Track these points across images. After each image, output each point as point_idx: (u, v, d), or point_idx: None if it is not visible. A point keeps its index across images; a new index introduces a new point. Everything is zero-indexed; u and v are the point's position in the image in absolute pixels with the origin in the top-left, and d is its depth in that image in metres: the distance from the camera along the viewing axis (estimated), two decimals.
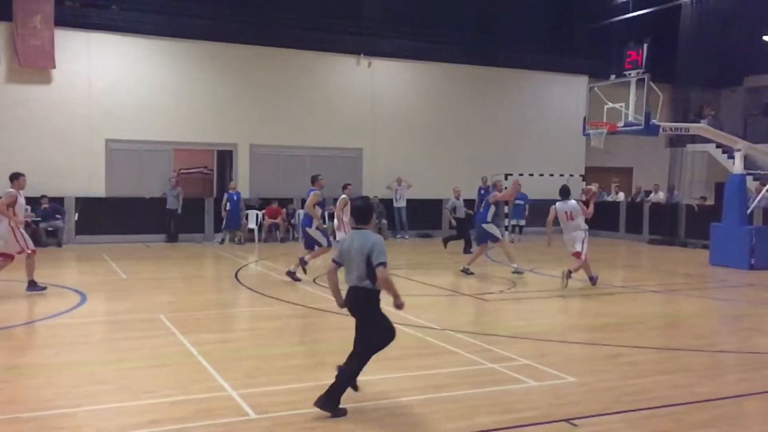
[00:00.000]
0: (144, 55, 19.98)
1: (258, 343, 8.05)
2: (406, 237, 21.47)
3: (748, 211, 16.09)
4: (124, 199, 19.27)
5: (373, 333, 5.62)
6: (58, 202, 18.37)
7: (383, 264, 5.35)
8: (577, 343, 8.16)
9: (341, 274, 5.74)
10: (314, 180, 13.15)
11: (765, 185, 17.46)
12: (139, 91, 19.81)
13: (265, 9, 21.05)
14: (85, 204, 18.79)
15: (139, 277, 13.03)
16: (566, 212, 12.42)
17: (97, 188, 19.26)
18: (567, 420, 5.38)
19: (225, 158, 21.43)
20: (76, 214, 18.70)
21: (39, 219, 17.56)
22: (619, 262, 17.41)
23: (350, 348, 5.68)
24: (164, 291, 11.63)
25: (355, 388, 5.71)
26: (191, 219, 19.88)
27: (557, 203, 12.60)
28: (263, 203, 20.59)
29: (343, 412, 5.40)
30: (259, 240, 20.01)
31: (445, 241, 17.45)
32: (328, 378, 6.33)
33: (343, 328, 8.83)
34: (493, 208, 13.83)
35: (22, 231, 10.74)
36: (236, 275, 13.38)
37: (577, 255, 12.31)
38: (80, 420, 5.38)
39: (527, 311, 10.65)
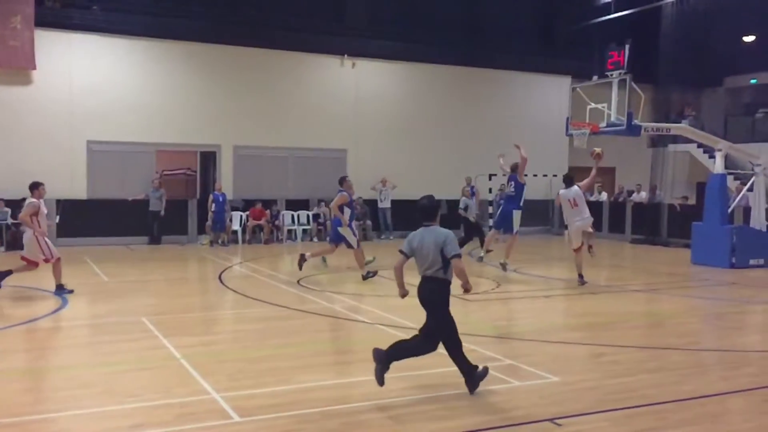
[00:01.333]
0: (126, 56, 19.84)
1: (242, 345, 8.01)
2: (391, 238, 21.47)
3: (729, 210, 16.25)
4: (106, 200, 19.12)
5: (442, 317, 6.15)
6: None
7: (458, 256, 5.95)
8: (561, 343, 8.19)
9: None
10: (342, 181, 13.44)
11: (745, 185, 17.64)
12: (121, 92, 19.66)
13: (249, 9, 20.97)
14: (66, 206, 18.60)
15: (122, 280, 12.93)
16: (569, 199, 12.60)
17: (79, 190, 19.09)
18: (551, 420, 5.40)
19: (208, 159, 21.32)
20: (58, 216, 18.50)
21: (18, 222, 17.33)
22: (602, 262, 17.49)
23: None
24: (147, 293, 11.55)
25: (477, 371, 6.06)
26: (174, 221, 19.76)
27: (561, 191, 12.89)
28: (247, 205, 20.50)
29: (482, 373, 6.01)
30: (243, 242, 19.92)
31: (482, 245, 17.30)
32: (312, 381, 6.33)
33: (327, 331, 8.85)
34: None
35: (46, 240, 10.85)
36: (220, 277, 13.31)
37: (577, 251, 12.58)
38: (62, 425, 5.33)
39: (511, 311, 10.68)
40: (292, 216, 21.02)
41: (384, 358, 5.92)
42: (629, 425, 5.39)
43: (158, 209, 19.29)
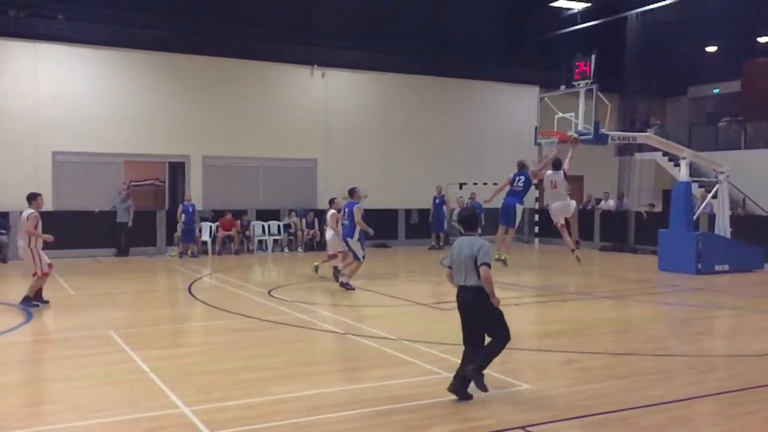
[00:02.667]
0: (92, 66, 19.60)
1: (211, 357, 7.91)
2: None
3: (694, 217, 16.53)
4: (72, 212, 18.79)
5: (498, 316, 6.28)
6: (3, 216, 17.82)
7: (487, 264, 6.05)
8: (532, 350, 8.24)
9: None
10: (353, 193, 13.59)
11: (710, 192, 17.97)
12: (87, 103, 19.41)
13: (217, 19, 20.85)
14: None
15: (88, 293, 12.72)
16: (551, 180, 13.61)
17: (44, 202, 18.71)
18: (522, 427, 5.42)
19: (177, 170, 21.12)
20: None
21: None
22: (571, 269, 17.64)
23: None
24: (114, 306, 11.38)
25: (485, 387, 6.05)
26: (143, 232, 19.51)
27: (548, 172, 13.77)
28: (217, 215, 20.33)
29: (484, 386, 6.01)
30: (213, 253, 19.75)
31: None
32: (284, 392, 6.28)
33: (299, 341, 8.79)
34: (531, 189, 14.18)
35: (40, 252, 10.76)
36: (189, 289, 13.16)
37: (563, 227, 13.37)
38: None
39: None
40: (263, 226, 20.90)
41: (460, 384, 6.10)
42: (598, 431, 5.43)
43: (126, 221, 19.05)
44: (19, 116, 18.62)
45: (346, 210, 13.29)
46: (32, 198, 11.00)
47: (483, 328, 6.24)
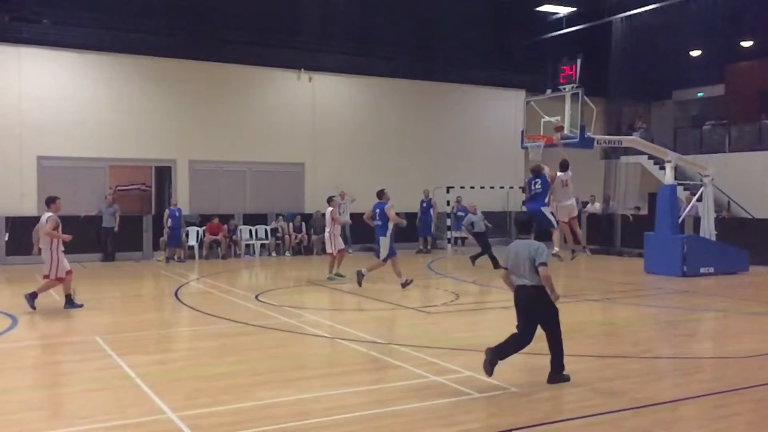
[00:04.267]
0: (77, 70, 19.49)
1: (198, 362, 7.87)
2: (350, 251, 21.39)
3: (680, 220, 16.64)
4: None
5: (555, 313, 6.78)
6: None
7: (545, 264, 6.54)
8: (520, 353, 8.25)
9: None
10: (381, 194, 14.06)
11: (695, 195, 18.11)
12: (73, 107, 19.29)
13: (204, 23, 20.82)
14: (16, 223, 18.09)
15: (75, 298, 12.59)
16: (563, 180, 14.06)
17: (29, 207, 18.60)
18: (509, 430, 5.44)
19: (164, 174, 21.02)
20: (7, 234, 18.02)
21: None
22: (558, 272, 17.71)
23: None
24: (100, 312, 11.28)
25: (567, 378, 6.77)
26: (129, 237, 19.39)
27: (559, 173, 14.11)
28: (204, 220, 20.25)
29: (567, 378, 6.74)
30: (199, 257, 19.66)
31: (473, 259, 17.31)
32: (272, 397, 6.27)
33: (286, 346, 8.77)
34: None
35: (60, 256, 10.92)
36: (176, 294, 13.09)
37: (566, 225, 14.02)
38: None
39: (470, 323, 10.74)
40: (250, 231, 20.84)
41: (557, 377, 6.72)
42: None
43: (112, 225, 18.93)
44: (3, 121, 18.48)
45: (377, 211, 13.81)
46: (51, 201, 11.17)
47: (540, 323, 6.73)
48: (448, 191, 22.84)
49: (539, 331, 6.77)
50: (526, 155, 19.58)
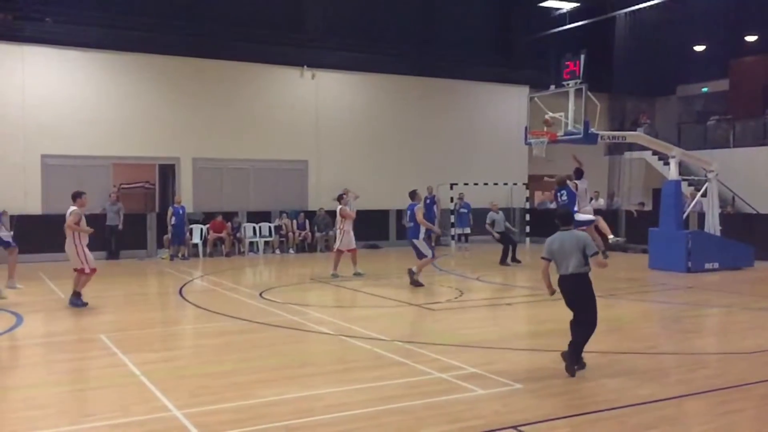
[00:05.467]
0: (81, 69, 19.51)
1: (203, 360, 7.89)
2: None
3: (684, 215, 16.60)
4: (61, 215, 18.29)
5: (593, 304, 7.20)
6: None
7: (596, 253, 7.14)
8: (523, 350, 8.27)
9: None
10: (414, 195, 14.03)
11: (699, 191, 18.05)
12: (76, 105, 19.32)
13: (207, 21, 20.82)
14: (20, 222, 18.08)
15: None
16: (585, 189, 14.73)
17: (33, 205, 18.66)
18: (514, 427, 5.43)
19: (167, 172, 21.05)
20: (11, 232, 18.01)
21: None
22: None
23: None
24: (105, 310, 11.30)
25: (583, 365, 7.05)
26: (133, 235, 19.42)
27: (578, 182, 14.54)
28: (207, 217, 20.27)
29: (583, 365, 7.03)
30: (203, 255, 19.69)
31: (502, 262, 17.23)
32: (276, 394, 6.27)
33: (290, 343, 8.78)
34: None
35: (85, 249, 11.12)
36: (180, 291, 13.11)
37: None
38: None
39: (474, 320, 10.73)
40: (254, 228, 20.86)
41: (569, 359, 6.97)
42: (590, 430, 5.46)
43: (116, 223, 18.96)
44: (7, 119, 18.51)
45: (408, 212, 13.87)
46: (77, 196, 11.45)
47: (578, 305, 7.15)
48: (451, 188, 22.80)
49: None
50: (530, 151, 19.52)
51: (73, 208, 11.26)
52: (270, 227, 21.06)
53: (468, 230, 22.44)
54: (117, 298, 12.79)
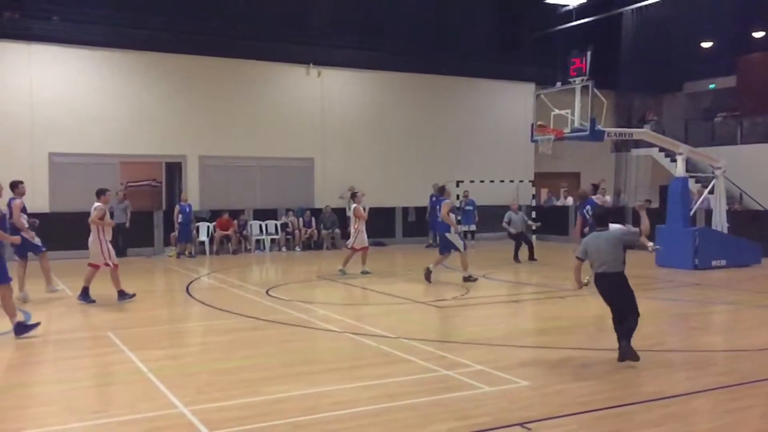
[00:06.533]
0: (88, 67, 19.57)
1: (210, 357, 7.91)
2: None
3: (691, 213, 16.55)
4: (68, 213, 18.70)
5: (632, 298, 7.45)
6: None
7: (639, 234, 7.66)
8: (530, 347, 8.26)
9: None
10: (443, 191, 14.21)
11: (706, 188, 17.99)
12: (83, 103, 19.38)
13: (214, 19, 20.84)
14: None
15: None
16: (605, 201, 14.97)
17: (41, 203, 18.71)
18: (521, 424, 5.43)
19: (174, 170, 21.09)
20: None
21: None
22: (569, 266, 17.65)
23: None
24: (112, 307, 11.34)
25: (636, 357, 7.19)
26: (140, 233, 19.48)
27: (599, 196, 15.47)
28: (214, 215, 20.31)
29: (637, 356, 7.17)
30: (210, 252, 19.73)
31: (530, 257, 17.28)
32: (282, 391, 6.29)
33: (297, 340, 8.79)
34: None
35: (109, 245, 11.51)
36: (187, 289, 13.15)
37: None
38: None
39: (480, 317, 10.73)
40: (260, 226, 20.90)
41: (626, 349, 7.23)
42: (597, 427, 5.44)
43: (123, 221, 18.98)
44: (15, 118, 18.59)
45: (438, 208, 13.94)
46: (101, 193, 11.75)
47: (618, 302, 7.42)
48: (457, 185, 22.79)
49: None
50: (536, 148, 19.50)
51: (97, 204, 11.58)
52: (276, 225, 21.09)
53: (474, 227, 22.46)
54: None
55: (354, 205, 15.16)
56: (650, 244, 14.21)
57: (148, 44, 20.06)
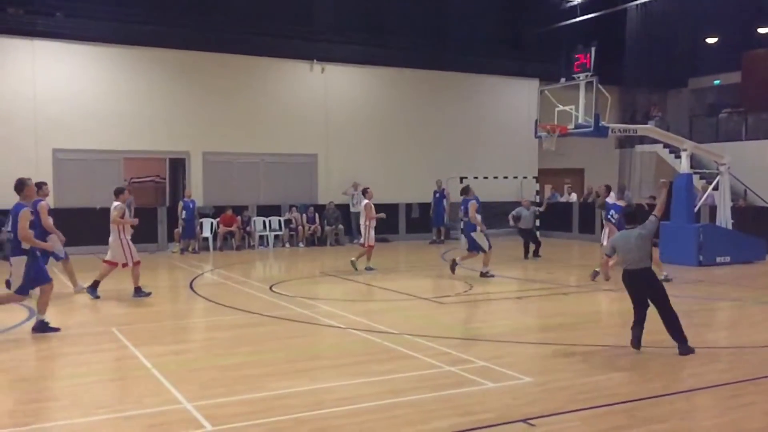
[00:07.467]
0: (91, 63, 19.58)
1: (213, 353, 7.92)
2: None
3: (696, 209, 16.51)
4: (72, 209, 18.77)
5: (663, 292, 7.65)
6: (3, 213, 17.79)
7: (656, 218, 7.90)
8: (533, 344, 8.26)
9: None
10: (467, 191, 14.33)
11: (711, 184, 17.94)
12: (87, 99, 19.39)
13: (217, 15, 20.83)
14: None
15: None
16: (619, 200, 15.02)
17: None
18: (524, 420, 5.43)
19: (177, 166, 21.11)
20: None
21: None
22: (573, 262, 17.69)
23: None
24: (116, 303, 11.37)
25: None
26: (143, 229, 19.33)
27: (615, 195, 15.16)
28: (217, 211, 20.33)
29: (692, 349, 7.49)
30: (214, 249, 19.75)
31: (535, 254, 17.32)
32: (286, 387, 6.30)
33: (300, 336, 8.80)
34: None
35: (130, 244, 11.63)
36: (191, 285, 13.17)
37: None
38: None
39: (484, 313, 10.73)
40: (264, 222, 20.91)
41: (685, 348, 7.51)
42: (601, 424, 5.44)
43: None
44: (19, 114, 18.61)
45: (463, 207, 14.04)
46: (119, 192, 11.92)
47: (649, 297, 7.61)
48: (461, 181, 22.71)
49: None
50: (540, 144, 19.47)
51: (116, 203, 11.68)
52: (280, 221, 21.10)
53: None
54: (128, 292, 12.84)
55: (365, 202, 15.08)
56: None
57: (151, 40, 20.03)
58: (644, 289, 7.61)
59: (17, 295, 8.88)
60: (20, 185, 8.93)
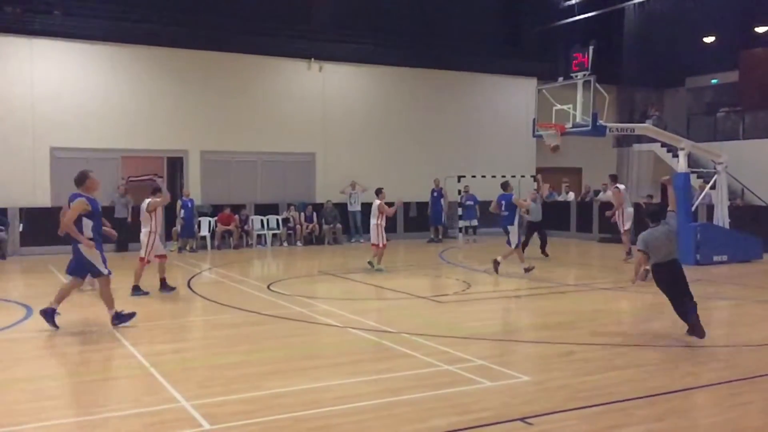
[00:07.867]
0: (89, 61, 19.55)
1: (211, 352, 7.92)
2: (361, 241, 21.45)
3: (693, 208, 16.52)
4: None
5: (685, 282, 8.33)
6: (2, 213, 17.80)
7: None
8: (531, 342, 8.26)
9: None
10: (506, 186, 14.74)
11: (708, 183, 17.96)
12: (85, 98, 19.37)
13: (214, 13, 20.79)
14: (29, 214, 18.25)
15: (87, 289, 12.67)
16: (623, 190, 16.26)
17: (42, 198, 18.75)
18: (522, 419, 5.44)
19: (175, 165, 21.10)
20: (21, 225, 18.15)
21: None
22: (570, 261, 17.71)
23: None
24: (114, 302, 11.33)
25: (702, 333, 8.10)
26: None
27: (620, 186, 16.67)
28: (215, 210, 20.32)
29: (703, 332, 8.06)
30: (212, 247, 19.74)
31: (543, 251, 17.29)
32: (284, 386, 6.30)
33: (298, 335, 8.80)
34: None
35: (156, 241, 12.05)
36: (189, 284, 13.16)
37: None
38: None
39: (482, 312, 10.73)
40: (262, 221, 20.90)
41: (698, 331, 8.10)
42: (598, 422, 5.45)
43: (124, 216, 19.02)
44: (16, 112, 18.58)
45: (503, 202, 14.42)
46: (157, 190, 12.64)
47: (678, 283, 8.23)
48: (459, 180, 22.79)
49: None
50: (538, 143, 19.50)
51: (148, 200, 12.15)
52: (278, 220, 21.09)
53: (475, 222, 22.43)
54: (126, 291, 12.82)
55: (378, 202, 14.89)
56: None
57: (149, 39, 20.01)
58: (678, 278, 8.24)
59: (75, 280, 9.35)
60: (82, 177, 9.27)
